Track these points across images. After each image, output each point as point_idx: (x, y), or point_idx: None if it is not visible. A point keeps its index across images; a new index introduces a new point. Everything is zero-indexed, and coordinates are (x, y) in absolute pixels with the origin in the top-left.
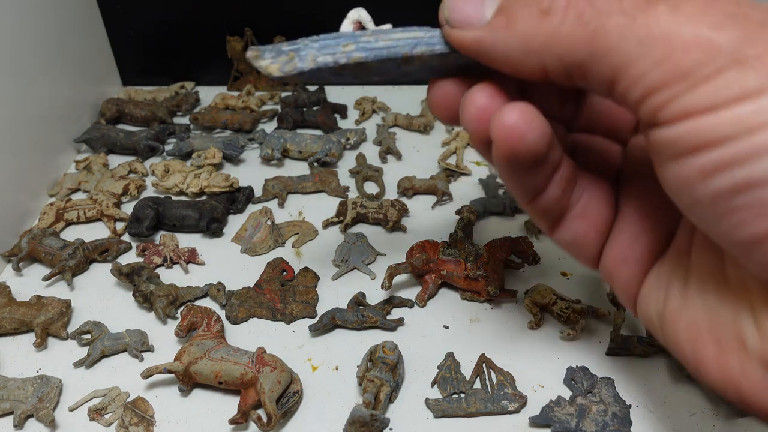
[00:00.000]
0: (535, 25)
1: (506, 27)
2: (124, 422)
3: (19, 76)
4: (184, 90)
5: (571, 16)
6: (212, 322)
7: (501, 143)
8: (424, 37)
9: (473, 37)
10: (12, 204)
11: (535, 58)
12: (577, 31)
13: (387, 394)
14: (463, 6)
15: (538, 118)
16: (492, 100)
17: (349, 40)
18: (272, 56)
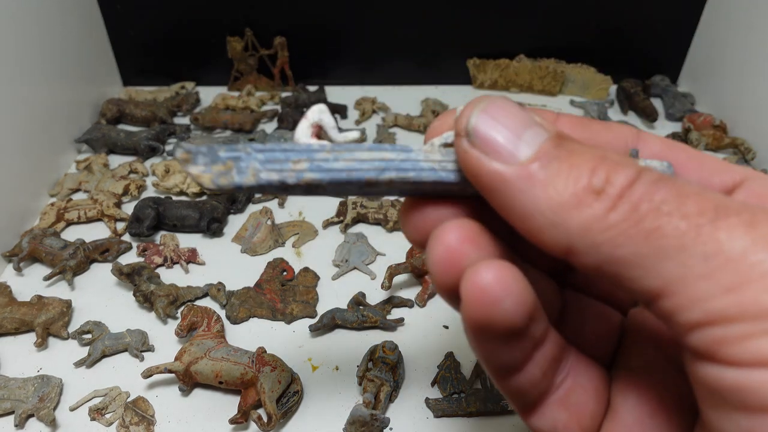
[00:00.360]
0: (577, 200)
1: (541, 183)
2: (125, 422)
3: (20, 77)
4: (184, 90)
5: (624, 206)
6: (212, 321)
7: (470, 306)
8: (395, 159)
9: (495, 171)
10: (13, 204)
11: (562, 234)
12: (627, 225)
13: (387, 394)
14: (494, 128)
15: (519, 282)
16: (467, 245)
17: (301, 155)
18: (205, 162)
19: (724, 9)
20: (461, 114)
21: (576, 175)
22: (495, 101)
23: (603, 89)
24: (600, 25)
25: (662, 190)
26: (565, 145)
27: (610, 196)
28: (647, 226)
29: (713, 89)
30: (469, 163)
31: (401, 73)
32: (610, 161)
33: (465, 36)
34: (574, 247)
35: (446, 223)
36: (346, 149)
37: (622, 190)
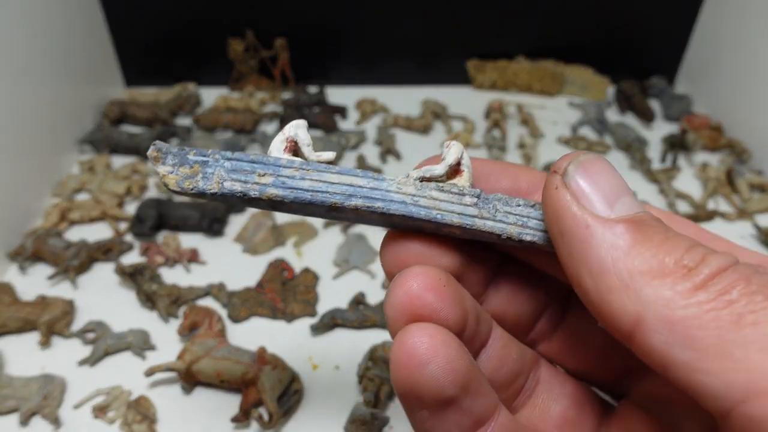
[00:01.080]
0: (663, 270)
1: (628, 243)
2: (128, 420)
3: (23, 78)
4: (186, 91)
5: (715, 287)
6: (214, 321)
7: (395, 367)
8: (364, 187)
9: (581, 216)
10: (16, 204)
11: (633, 304)
12: (714, 304)
13: (387, 393)
14: (591, 183)
15: (452, 348)
16: (430, 294)
17: (267, 169)
18: (173, 164)
19: (721, 11)
20: (564, 157)
21: (668, 247)
22: (596, 160)
23: (601, 90)
24: (598, 27)
25: (761, 281)
26: (661, 222)
27: (702, 275)
28: (739, 309)
29: (710, 91)
30: (557, 201)
31: (401, 74)
32: (705, 248)
33: (465, 37)
34: (644, 319)
35: (415, 267)
36: (315, 169)
37: (717, 270)
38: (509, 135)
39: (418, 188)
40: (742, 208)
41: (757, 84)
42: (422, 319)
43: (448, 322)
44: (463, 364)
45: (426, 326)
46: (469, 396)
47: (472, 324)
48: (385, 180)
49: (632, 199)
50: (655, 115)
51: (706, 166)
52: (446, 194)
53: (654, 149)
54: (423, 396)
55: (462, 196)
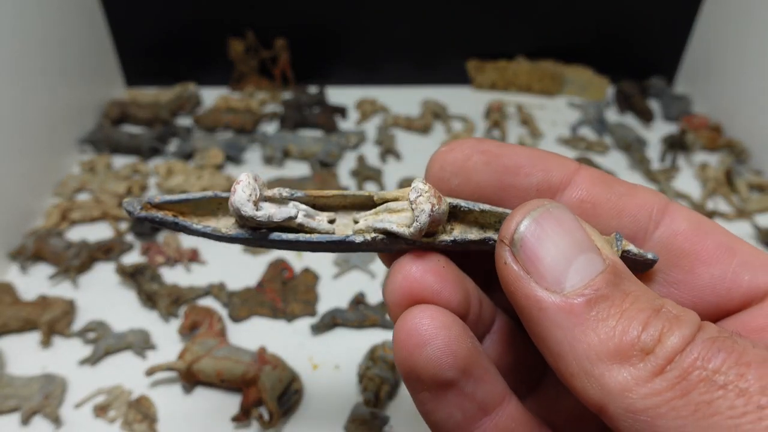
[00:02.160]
0: (621, 355)
1: (584, 324)
2: (128, 419)
3: (24, 79)
4: (186, 91)
5: (673, 372)
6: (214, 321)
7: (397, 348)
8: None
9: (534, 297)
10: (17, 204)
11: (596, 389)
12: (673, 394)
13: (387, 393)
14: (544, 246)
15: (452, 330)
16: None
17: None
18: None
19: (720, 12)
20: (511, 216)
21: (625, 325)
22: (552, 211)
23: (601, 90)
24: (598, 27)
25: (720, 356)
26: (621, 285)
27: (659, 358)
28: (697, 398)
29: (709, 91)
30: (507, 278)
31: (401, 74)
32: (666, 315)
33: (464, 37)
34: (608, 408)
35: (408, 256)
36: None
37: (673, 352)
38: (509, 135)
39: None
40: (741, 208)
41: (756, 84)
42: (424, 301)
43: (451, 303)
44: (463, 347)
45: (428, 308)
46: (471, 380)
47: (476, 307)
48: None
49: (590, 255)
50: (655, 116)
51: (706, 166)
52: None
53: (653, 149)
54: (422, 377)
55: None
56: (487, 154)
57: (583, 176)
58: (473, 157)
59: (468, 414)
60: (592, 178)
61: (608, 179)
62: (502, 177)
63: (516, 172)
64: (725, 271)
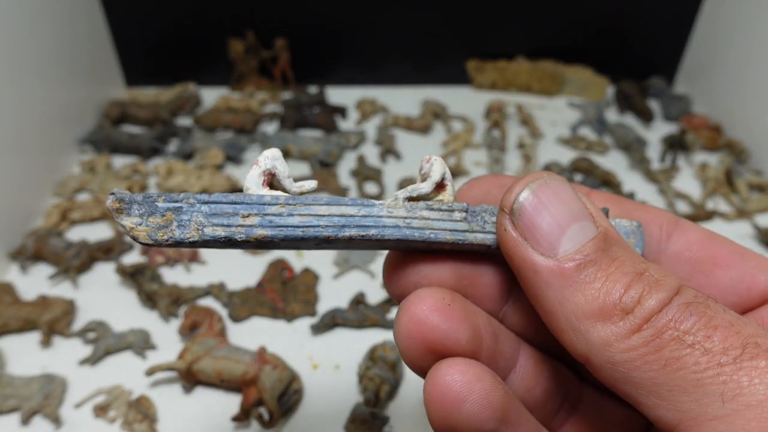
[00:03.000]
0: (604, 314)
1: (573, 285)
2: (128, 419)
3: (24, 78)
4: (186, 91)
5: (648, 330)
6: (214, 321)
7: (432, 408)
8: (355, 216)
9: (530, 260)
10: (17, 204)
11: (582, 343)
12: (647, 350)
13: (387, 392)
14: (540, 214)
15: (486, 381)
16: (437, 315)
17: (251, 209)
18: (141, 213)
19: (720, 12)
20: (510, 188)
21: (609, 287)
22: (549, 183)
23: (601, 90)
24: (598, 27)
25: (691, 319)
26: (609, 250)
27: (637, 318)
28: (667, 355)
29: (709, 91)
30: (506, 244)
31: (401, 74)
32: (647, 279)
33: (464, 37)
34: (592, 360)
35: (418, 291)
36: (303, 203)
37: (650, 313)
38: (509, 135)
39: (408, 209)
40: (741, 207)
41: (756, 84)
42: (433, 343)
43: (459, 341)
44: (498, 396)
45: (457, 361)
46: (510, 427)
47: (490, 341)
48: (375, 205)
49: (583, 223)
50: (655, 115)
51: (706, 166)
52: (436, 212)
53: (653, 149)
54: (461, 430)
55: (451, 212)
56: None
57: (594, 198)
58: (492, 191)
59: None
60: (603, 199)
61: (619, 199)
62: None
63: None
64: (743, 273)
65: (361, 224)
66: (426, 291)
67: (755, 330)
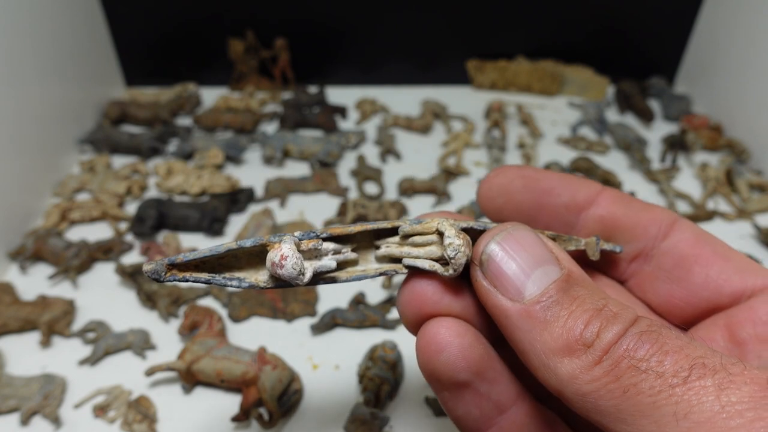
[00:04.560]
0: (569, 350)
1: (540, 325)
2: (128, 419)
3: (24, 79)
4: (186, 91)
5: (607, 361)
6: (214, 321)
7: (419, 354)
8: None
9: (500, 306)
10: (17, 204)
11: (553, 378)
12: (608, 379)
13: (387, 393)
14: (506, 263)
15: (465, 338)
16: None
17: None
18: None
19: (720, 11)
20: (479, 241)
21: (571, 324)
22: (513, 233)
23: (601, 90)
24: (598, 27)
25: (645, 347)
26: (571, 290)
27: (597, 351)
28: (626, 382)
29: (710, 91)
30: (480, 293)
31: (401, 74)
32: (606, 314)
33: (465, 37)
34: (563, 393)
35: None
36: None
37: (608, 345)
38: (509, 135)
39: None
40: (742, 207)
41: (756, 84)
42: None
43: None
44: (476, 353)
45: (445, 319)
46: (485, 382)
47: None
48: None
49: (547, 267)
50: (655, 115)
51: (706, 166)
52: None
53: (654, 149)
54: (440, 379)
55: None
56: (526, 178)
57: (605, 196)
58: (515, 181)
59: (484, 411)
60: (613, 198)
61: (627, 198)
62: (538, 197)
63: (549, 193)
64: (719, 273)
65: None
66: (444, 319)
67: (703, 351)
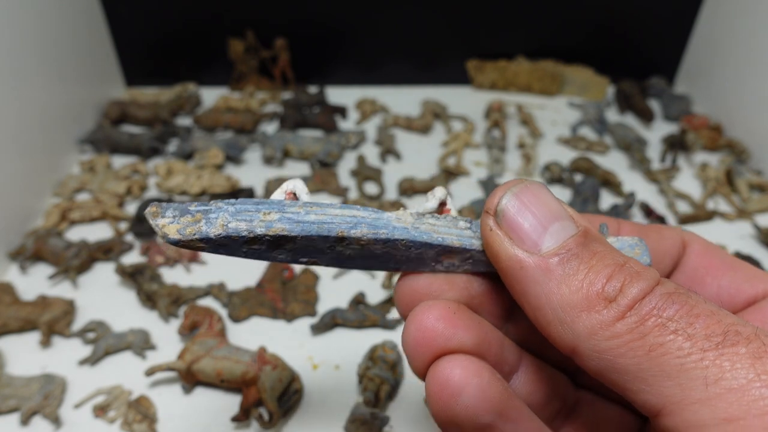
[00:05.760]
0: (588, 303)
1: (557, 278)
2: (128, 420)
3: (24, 79)
4: (186, 91)
5: (632, 318)
6: (214, 321)
7: (431, 399)
8: (366, 217)
9: (515, 257)
10: (17, 204)
11: (569, 333)
12: (631, 336)
13: (387, 393)
14: (523, 214)
15: (484, 376)
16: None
17: (272, 207)
18: (174, 215)
19: (720, 12)
20: (493, 192)
21: (592, 278)
22: (529, 187)
23: (601, 90)
24: (598, 27)
25: (673, 307)
26: (590, 245)
27: (620, 306)
28: (651, 341)
29: (710, 91)
30: (492, 243)
31: (401, 74)
32: (628, 270)
33: (464, 37)
34: (579, 349)
35: (425, 302)
36: (318, 205)
37: (633, 301)
38: (509, 135)
39: (416, 218)
40: (742, 207)
41: (756, 84)
42: (438, 349)
43: (465, 346)
44: (496, 391)
45: (457, 357)
46: (508, 422)
47: (495, 348)
48: (385, 213)
49: (563, 222)
50: (655, 115)
51: (706, 166)
52: (442, 220)
53: (653, 149)
54: (461, 425)
55: (456, 221)
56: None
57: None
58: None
59: None
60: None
61: (643, 228)
62: None
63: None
64: (731, 282)
65: (372, 224)
66: (432, 302)
67: (735, 320)
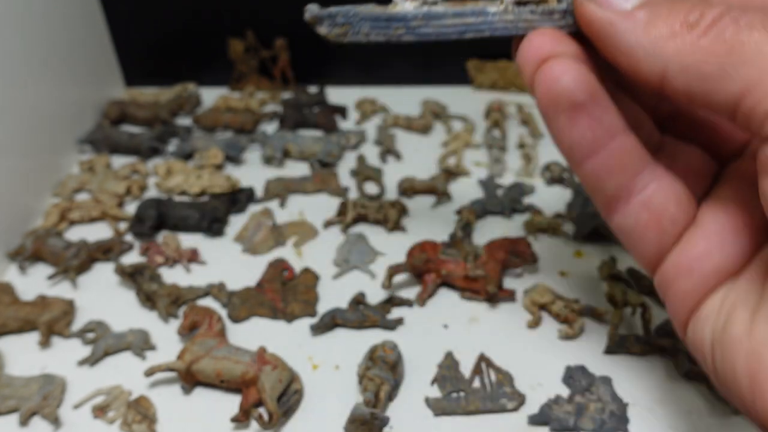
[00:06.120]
0: (674, 32)
1: (645, 24)
2: (127, 420)
3: (23, 78)
4: (186, 91)
5: (713, 31)
6: (214, 321)
7: (538, 84)
8: (473, 23)
9: (606, 18)
10: (16, 204)
11: (658, 63)
12: (714, 45)
13: (387, 393)
14: None
15: (581, 67)
16: (552, 41)
17: (399, 23)
18: (329, 26)
19: None
20: None
21: (674, 15)
22: None
23: None
24: None
25: (748, 15)
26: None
27: (702, 27)
28: (731, 40)
29: None
30: (585, 12)
31: (401, 74)
32: (704, 4)
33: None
34: (668, 71)
35: (540, 31)
36: (434, 16)
37: (713, 21)
38: (509, 135)
39: (515, 14)
40: None
41: None
42: (547, 53)
43: (568, 53)
44: (590, 79)
45: (561, 56)
46: (598, 106)
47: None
48: (489, 13)
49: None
50: None
51: None
52: (538, 15)
53: None
54: (560, 102)
55: (551, 14)
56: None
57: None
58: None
59: (597, 135)
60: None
61: None
62: None
63: None
64: None
65: (477, 29)
66: (560, 56)
67: None
